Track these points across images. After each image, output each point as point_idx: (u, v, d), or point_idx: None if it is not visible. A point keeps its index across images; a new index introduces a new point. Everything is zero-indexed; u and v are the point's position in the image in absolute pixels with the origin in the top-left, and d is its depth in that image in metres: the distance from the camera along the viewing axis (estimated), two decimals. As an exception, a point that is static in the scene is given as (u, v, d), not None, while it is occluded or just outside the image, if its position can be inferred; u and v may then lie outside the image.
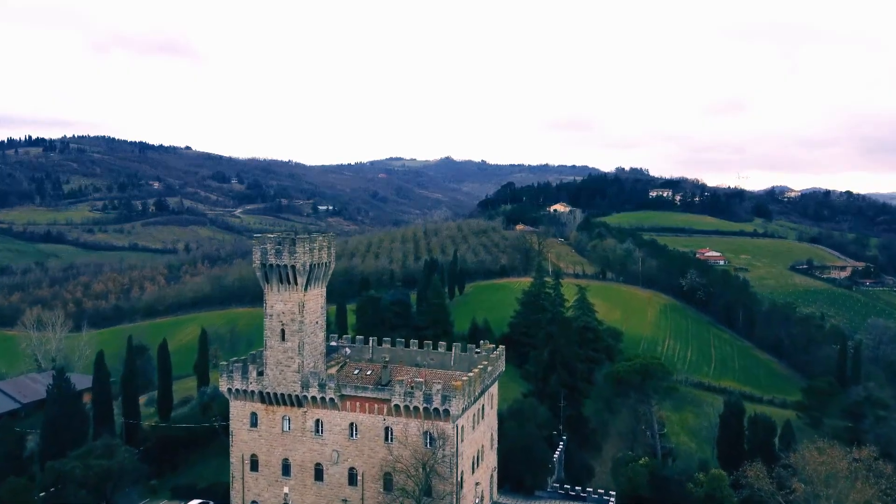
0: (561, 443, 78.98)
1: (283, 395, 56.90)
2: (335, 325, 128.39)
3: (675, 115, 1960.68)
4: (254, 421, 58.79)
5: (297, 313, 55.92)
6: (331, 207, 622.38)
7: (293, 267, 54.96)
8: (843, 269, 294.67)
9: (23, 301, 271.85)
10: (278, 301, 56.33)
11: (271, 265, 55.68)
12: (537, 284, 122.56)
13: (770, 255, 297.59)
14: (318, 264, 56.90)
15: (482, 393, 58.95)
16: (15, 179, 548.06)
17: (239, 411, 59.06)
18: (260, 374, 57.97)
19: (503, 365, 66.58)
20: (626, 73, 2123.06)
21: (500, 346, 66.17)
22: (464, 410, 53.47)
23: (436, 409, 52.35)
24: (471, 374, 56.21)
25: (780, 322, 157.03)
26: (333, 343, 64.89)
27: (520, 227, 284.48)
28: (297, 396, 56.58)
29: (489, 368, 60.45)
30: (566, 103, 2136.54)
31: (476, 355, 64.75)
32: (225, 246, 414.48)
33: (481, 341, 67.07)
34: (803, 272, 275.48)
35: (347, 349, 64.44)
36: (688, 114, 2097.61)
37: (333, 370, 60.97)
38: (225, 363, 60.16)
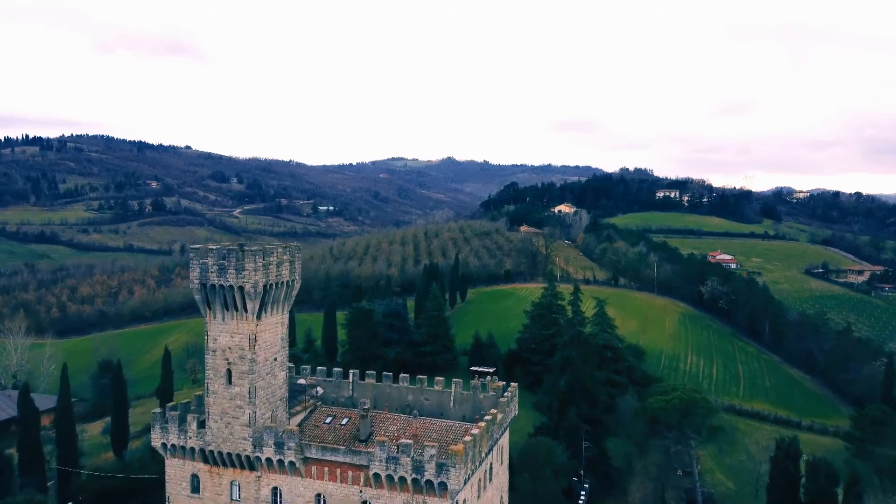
0: (583, 493, 65.79)
1: (230, 454, 43.70)
2: (322, 341, 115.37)
3: (678, 116, 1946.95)
4: (195, 485, 45.58)
5: (247, 349, 42.62)
6: (331, 208, 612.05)
7: (241, 288, 41.67)
8: (860, 273, 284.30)
9: (5, 305, 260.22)
10: (223, 333, 43.09)
11: (213, 286, 42.45)
12: (548, 295, 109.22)
13: (783, 258, 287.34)
14: (277, 284, 43.61)
15: (490, 450, 45.73)
16: (10, 178, 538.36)
17: (177, 472, 45.87)
18: (202, 425, 44.78)
19: (516, 408, 53.32)
20: (630, 74, 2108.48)
21: (513, 384, 52.84)
22: (466, 481, 40.24)
23: (429, 482, 39.11)
24: (475, 430, 42.92)
25: (811, 335, 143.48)
26: (302, 381, 51.79)
27: (524, 228, 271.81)
28: (247, 457, 43.35)
29: (499, 417, 47.16)
30: (569, 104, 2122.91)
31: (482, 396, 51.42)
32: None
33: (488, 377, 53.83)
34: (819, 276, 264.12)
35: (319, 388, 51.30)
36: (691, 115, 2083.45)
37: (299, 418, 47.76)
38: (158, 410, 46.95)
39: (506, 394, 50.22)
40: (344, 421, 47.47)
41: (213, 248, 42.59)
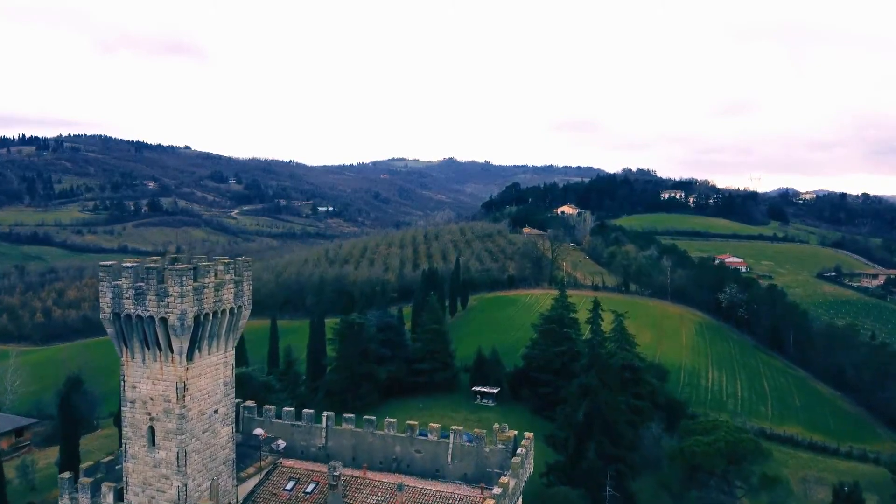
0: (607, 552, 55.15)
1: (154, 538, 33.03)
2: (307, 357, 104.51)
3: (679, 117, 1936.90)
4: (113, 574, 34.89)
5: (174, 401, 31.86)
6: (331, 208, 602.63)
7: (164, 320, 30.93)
8: (874, 276, 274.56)
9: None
10: (143, 379, 32.40)
11: (129, 316, 31.76)
12: (559, 307, 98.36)
13: (793, 261, 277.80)
14: (215, 314, 32.82)
15: (499, 529, 34.95)
16: (5, 179, 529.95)
17: (91, 555, 35.26)
18: (120, 496, 34.07)
19: (531, 465, 42.48)
20: (630, 74, 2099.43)
21: (528, 434, 42.01)
22: (467, 585, 29.52)
23: (415, 592, 28.49)
24: (480, 510, 32.15)
25: (841, 347, 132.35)
26: (259, 431, 41.05)
27: (527, 229, 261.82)
28: (176, 543, 32.68)
29: (511, 485, 36.37)
30: (570, 104, 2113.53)
31: (489, 450, 40.58)
32: (216, 248, 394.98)
33: (496, 424, 42.94)
34: (832, 280, 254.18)
35: (280, 441, 40.57)
36: (692, 115, 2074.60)
37: (252, 483, 37.04)
38: (66, 475, 36.23)
39: (519, 450, 39.30)
40: (309, 488, 36.68)
41: (129, 265, 31.86)
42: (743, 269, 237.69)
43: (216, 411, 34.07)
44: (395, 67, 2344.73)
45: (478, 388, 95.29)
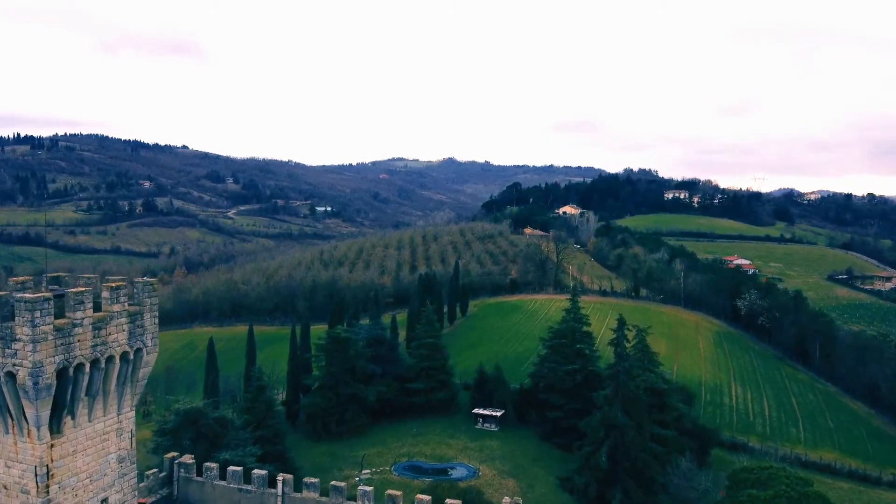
0: None
1: None
2: (286, 376, 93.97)
3: (680, 117, 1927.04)
4: None
5: (33, 492, 21.58)
6: (329, 208, 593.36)
7: (10, 377, 20.63)
8: (888, 279, 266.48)
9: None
10: (-11, 459, 22.19)
11: (-36, 368, 21.47)
12: (570, 319, 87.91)
13: (803, 262, 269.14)
14: (95, 363, 22.46)
15: None
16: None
17: None
18: None
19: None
20: (633, 75, 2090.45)
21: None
22: None
23: None
24: None
25: (873, 359, 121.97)
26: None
27: (528, 230, 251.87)
28: None
29: None
30: (570, 104, 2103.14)
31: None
32: (210, 249, 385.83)
33: (507, 499, 32.60)
34: (843, 283, 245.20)
35: (215, 524, 30.54)
36: (693, 116, 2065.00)
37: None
38: None
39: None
40: None
41: (-36, 292, 21.57)
42: (751, 272, 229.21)
43: (105, 501, 23.69)
44: (394, 67, 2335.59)
45: (479, 411, 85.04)
